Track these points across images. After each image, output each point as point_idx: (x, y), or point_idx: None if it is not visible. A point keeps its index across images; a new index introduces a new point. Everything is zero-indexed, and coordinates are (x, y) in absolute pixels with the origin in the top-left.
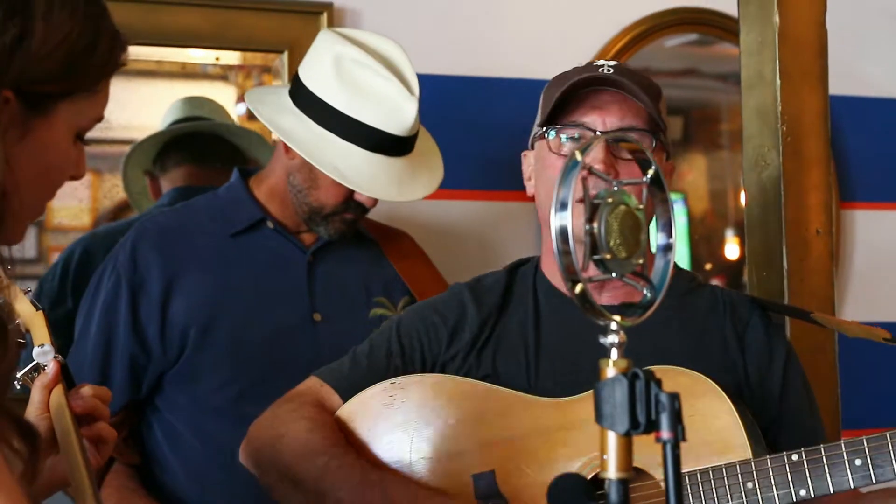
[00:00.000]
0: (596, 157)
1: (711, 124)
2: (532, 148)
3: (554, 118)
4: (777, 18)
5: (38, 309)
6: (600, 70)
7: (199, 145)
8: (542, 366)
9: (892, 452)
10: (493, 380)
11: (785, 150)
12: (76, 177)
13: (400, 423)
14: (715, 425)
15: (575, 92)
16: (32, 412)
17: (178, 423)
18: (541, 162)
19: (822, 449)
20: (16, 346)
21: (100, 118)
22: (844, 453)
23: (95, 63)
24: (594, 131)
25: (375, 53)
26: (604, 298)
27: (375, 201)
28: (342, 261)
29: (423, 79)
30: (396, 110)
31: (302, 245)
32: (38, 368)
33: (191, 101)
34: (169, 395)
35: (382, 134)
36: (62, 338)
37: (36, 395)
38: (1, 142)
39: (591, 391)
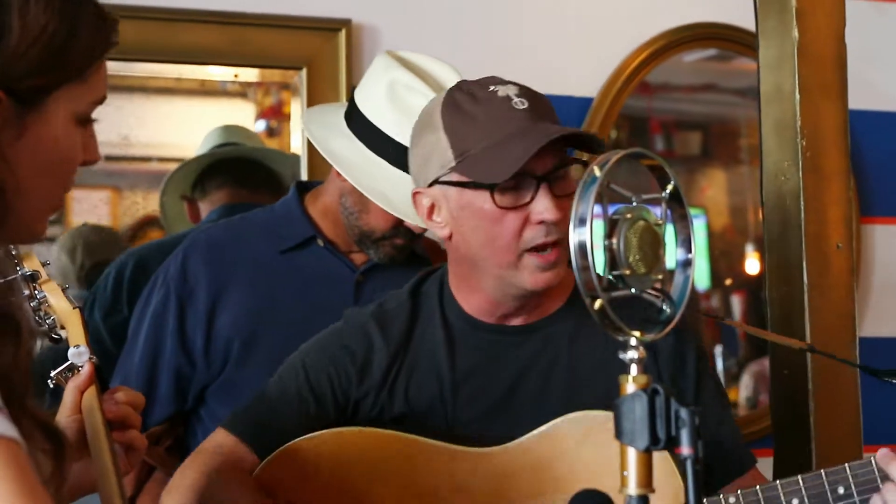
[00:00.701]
0: (546, 205)
1: (731, 139)
2: (429, 185)
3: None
4: (796, 33)
5: (74, 307)
6: (513, 104)
7: (238, 169)
8: (461, 395)
9: (828, 491)
10: (410, 418)
11: (804, 165)
12: (89, 161)
13: (326, 483)
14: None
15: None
16: (64, 413)
17: None
18: (475, 213)
19: (759, 490)
20: (30, 344)
21: (99, 100)
22: (781, 494)
23: (79, 50)
24: (535, 177)
25: (430, 78)
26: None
27: (425, 228)
28: (392, 280)
29: None
30: None
31: (352, 264)
32: (72, 369)
33: (228, 129)
34: (212, 408)
35: None
36: (118, 346)
37: (68, 396)
38: None
39: (513, 442)
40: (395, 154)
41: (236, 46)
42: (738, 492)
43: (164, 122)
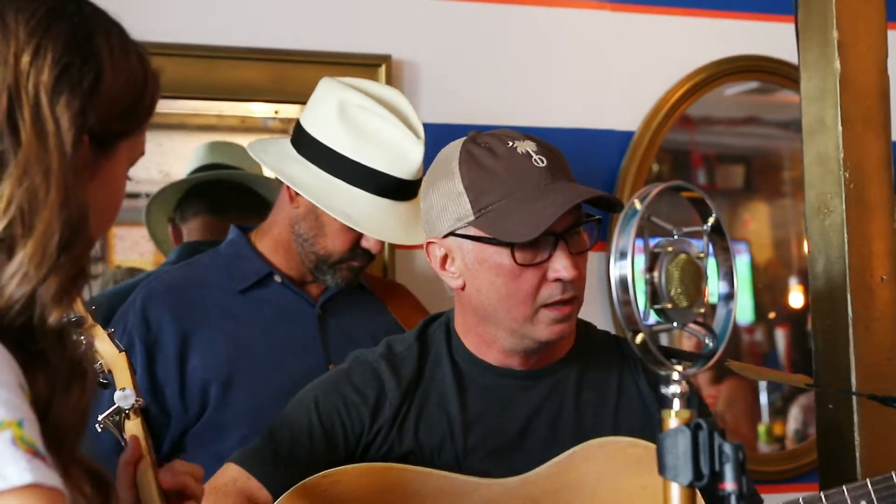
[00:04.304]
0: (565, 263)
1: (773, 172)
2: (444, 237)
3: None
4: (838, 65)
5: (120, 350)
6: (533, 161)
7: (220, 194)
8: (471, 436)
9: None
10: (418, 456)
11: (848, 197)
12: None
13: None
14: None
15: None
16: (120, 490)
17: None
18: (492, 267)
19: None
20: (93, 391)
21: (142, 153)
22: None
23: (148, 100)
24: (554, 234)
25: (379, 99)
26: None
27: (381, 247)
28: (348, 312)
29: (482, 130)
30: (402, 154)
31: (310, 298)
32: (119, 412)
33: (215, 147)
34: (192, 454)
35: (387, 178)
36: None
37: (121, 473)
38: (81, 184)
39: (533, 471)
40: (350, 172)
41: (277, 83)
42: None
43: None
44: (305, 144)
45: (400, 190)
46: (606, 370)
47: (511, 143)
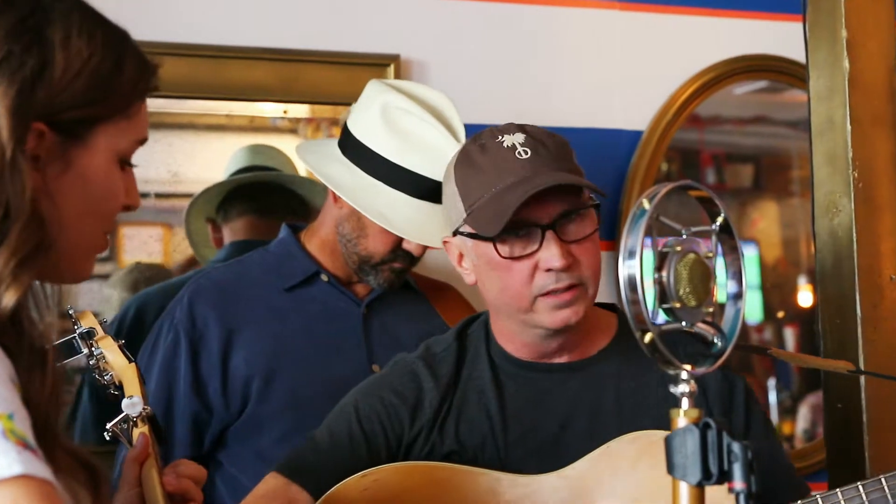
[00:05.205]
0: (553, 253)
1: (782, 171)
2: (453, 235)
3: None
4: (847, 64)
5: (130, 361)
6: (516, 154)
7: (263, 195)
8: (511, 434)
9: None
10: (461, 454)
11: (856, 196)
12: (130, 206)
13: None
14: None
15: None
16: (124, 487)
17: (241, 477)
18: (485, 261)
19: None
20: (58, 372)
21: (141, 140)
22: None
23: (123, 84)
24: (540, 226)
25: (422, 102)
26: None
27: (424, 249)
28: (395, 313)
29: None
30: (442, 157)
31: (355, 297)
32: (127, 420)
33: (255, 150)
34: (232, 449)
35: (428, 181)
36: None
37: (127, 469)
38: (42, 175)
39: (568, 467)
40: (390, 175)
41: (286, 83)
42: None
43: (214, 158)
44: (349, 146)
45: (440, 193)
46: (648, 362)
47: (499, 138)
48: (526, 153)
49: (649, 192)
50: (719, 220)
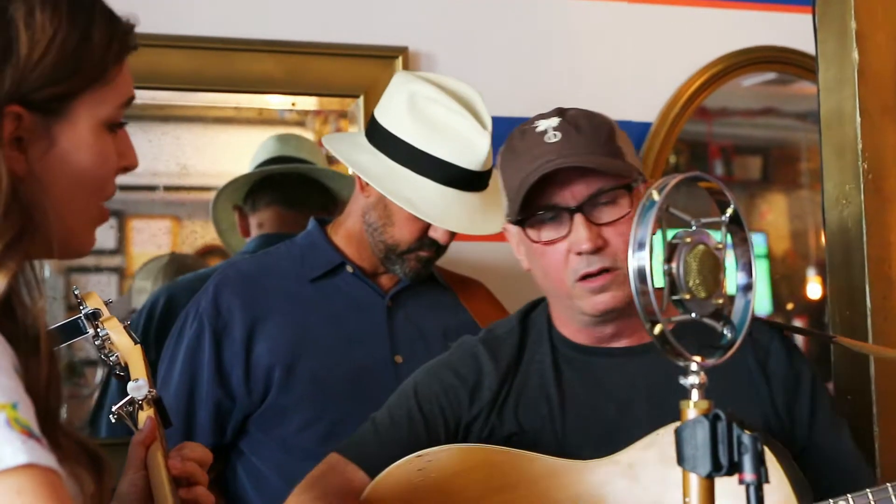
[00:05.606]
0: (580, 236)
1: (791, 163)
2: (507, 224)
3: (523, 203)
4: (856, 55)
5: (136, 343)
6: (545, 138)
7: (291, 186)
8: (569, 420)
9: None
10: (520, 437)
11: (866, 188)
12: (128, 167)
13: (434, 499)
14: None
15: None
16: (130, 469)
17: (263, 466)
18: (528, 248)
19: (869, 494)
20: (55, 357)
21: (126, 102)
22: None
23: (94, 54)
24: (568, 209)
25: (448, 91)
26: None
27: (450, 238)
28: (420, 306)
29: (497, 121)
30: (468, 145)
31: (380, 289)
32: (132, 403)
33: (284, 140)
34: (254, 438)
35: (455, 168)
36: None
37: (133, 452)
38: (26, 156)
39: (619, 453)
40: (417, 162)
41: (294, 75)
42: (849, 496)
43: (222, 151)
44: (377, 135)
45: (467, 181)
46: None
47: (536, 123)
48: (556, 136)
49: (658, 183)
50: (729, 211)
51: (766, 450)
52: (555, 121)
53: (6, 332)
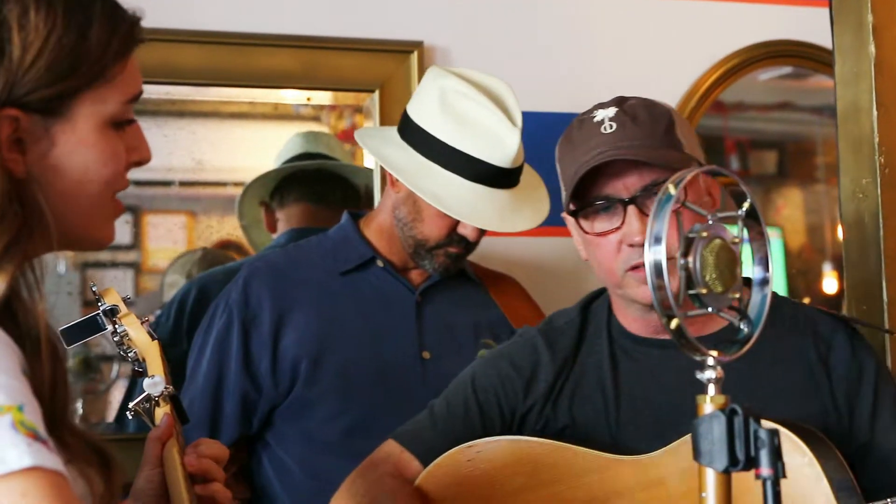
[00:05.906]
0: (633, 228)
1: (807, 157)
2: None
3: (577, 193)
4: (873, 48)
5: (153, 339)
6: (601, 128)
7: (318, 183)
8: (623, 413)
9: None
10: (573, 431)
11: (883, 182)
12: (141, 161)
13: (481, 490)
14: (798, 482)
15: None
16: (146, 466)
17: (288, 458)
18: (583, 238)
19: None
20: (59, 357)
21: (132, 98)
22: None
23: (93, 52)
24: (622, 201)
25: (480, 86)
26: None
27: (480, 235)
28: (450, 301)
29: None
30: (498, 141)
31: (410, 285)
32: (149, 399)
33: (310, 137)
34: (279, 430)
35: (484, 164)
36: (177, 379)
37: (149, 448)
38: (27, 157)
39: (666, 448)
40: (446, 158)
41: (309, 70)
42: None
43: (237, 146)
44: (408, 130)
45: (497, 177)
46: (774, 339)
47: (594, 112)
48: (611, 127)
49: (675, 177)
50: (746, 205)
51: (808, 450)
52: (612, 111)
53: (8, 334)
